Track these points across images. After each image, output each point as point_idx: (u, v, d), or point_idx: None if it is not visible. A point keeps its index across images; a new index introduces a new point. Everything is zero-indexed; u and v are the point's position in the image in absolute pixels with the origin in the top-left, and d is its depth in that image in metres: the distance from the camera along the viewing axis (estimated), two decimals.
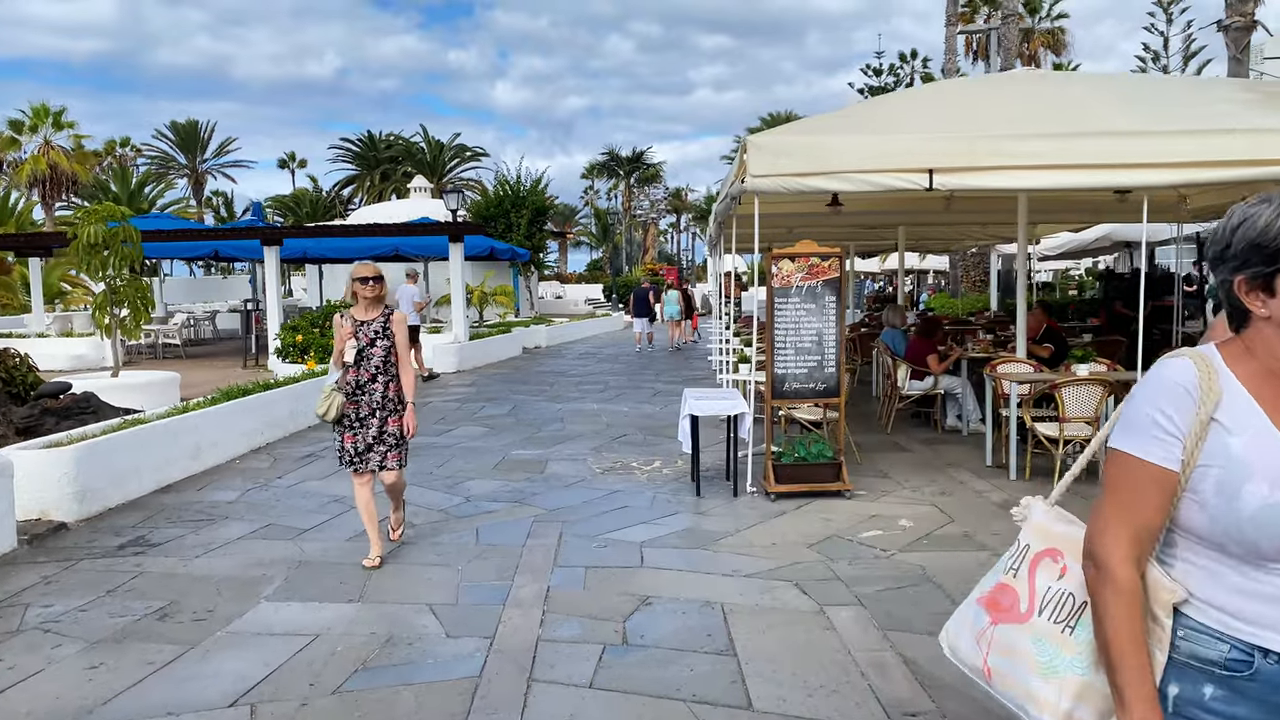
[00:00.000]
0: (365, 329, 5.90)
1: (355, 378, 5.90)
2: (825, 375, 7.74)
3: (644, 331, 25.74)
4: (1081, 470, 2.28)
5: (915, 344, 10.93)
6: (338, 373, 5.92)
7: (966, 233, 18.09)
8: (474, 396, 14.82)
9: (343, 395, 5.87)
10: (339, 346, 5.90)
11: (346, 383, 5.91)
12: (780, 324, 7.67)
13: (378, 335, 5.89)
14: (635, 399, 14.27)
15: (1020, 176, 7.36)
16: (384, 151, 67.26)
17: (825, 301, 7.70)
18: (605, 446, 10.17)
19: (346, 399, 5.90)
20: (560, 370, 19.21)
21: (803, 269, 7.66)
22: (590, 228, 77.89)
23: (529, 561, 6.05)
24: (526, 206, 34.37)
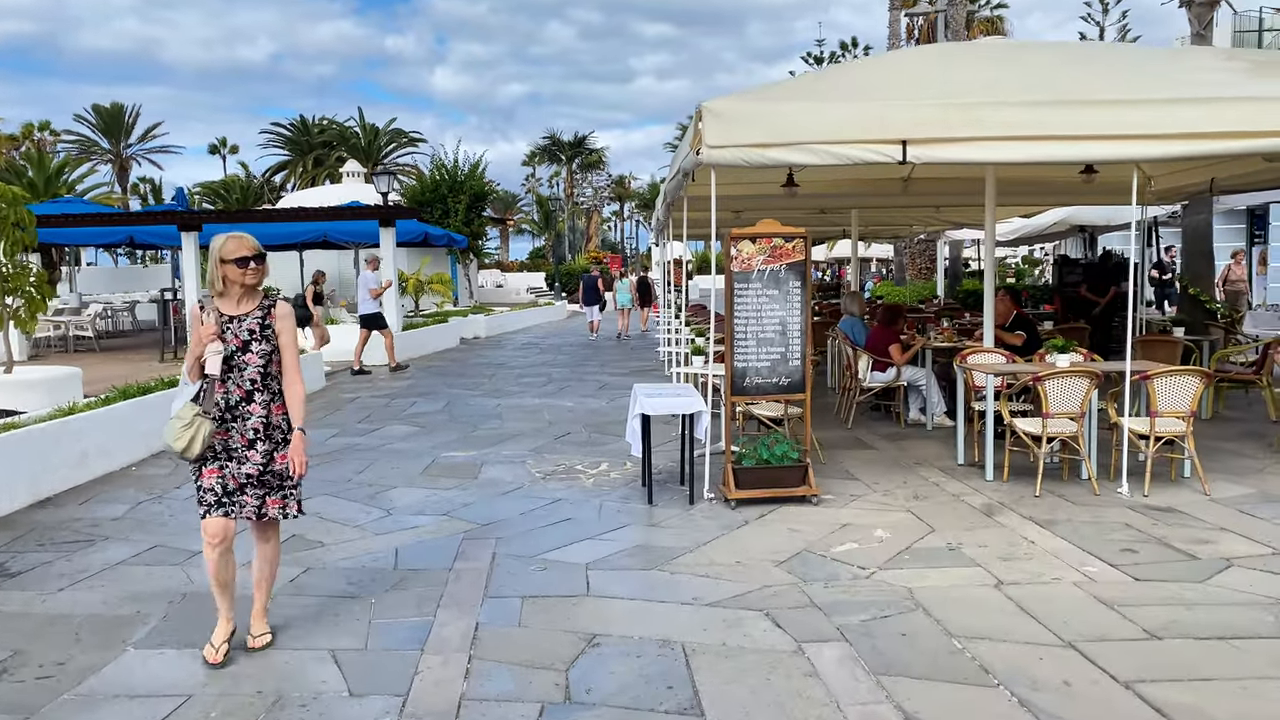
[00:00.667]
0: (237, 327, 4.24)
1: (223, 395, 4.25)
2: (789, 369, 6.99)
3: (595, 320, 24.95)
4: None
5: (877, 333, 10.26)
6: (192, 389, 4.24)
7: (919, 217, 17.54)
8: (406, 391, 13.86)
9: (210, 421, 4.20)
10: (196, 351, 4.21)
11: (214, 404, 4.23)
12: (740, 313, 6.89)
13: (254, 336, 4.25)
14: (580, 393, 13.43)
15: (1000, 148, 6.68)
16: (317, 136, 65.25)
17: (789, 287, 6.94)
18: (547, 447, 9.32)
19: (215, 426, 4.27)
20: (500, 362, 18.29)
21: (765, 251, 6.88)
22: (532, 215, 76.62)
23: (455, 591, 5.19)
24: (464, 191, 33.27)
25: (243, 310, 4.29)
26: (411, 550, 5.98)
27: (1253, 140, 6.54)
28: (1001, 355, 8.75)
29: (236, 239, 4.26)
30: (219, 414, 4.25)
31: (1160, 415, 7.04)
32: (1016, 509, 6.67)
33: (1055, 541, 5.89)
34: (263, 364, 4.27)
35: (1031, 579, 5.22)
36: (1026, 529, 6.19)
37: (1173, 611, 4.71)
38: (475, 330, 25.15)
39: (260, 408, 4.28)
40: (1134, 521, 6.31)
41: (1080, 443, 7.19)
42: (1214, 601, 4.85)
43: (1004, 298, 9.98)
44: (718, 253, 8.16)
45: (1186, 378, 7.05)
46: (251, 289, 4.31)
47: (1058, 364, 7.67)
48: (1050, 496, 7.00)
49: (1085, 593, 5.00)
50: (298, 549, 6.04)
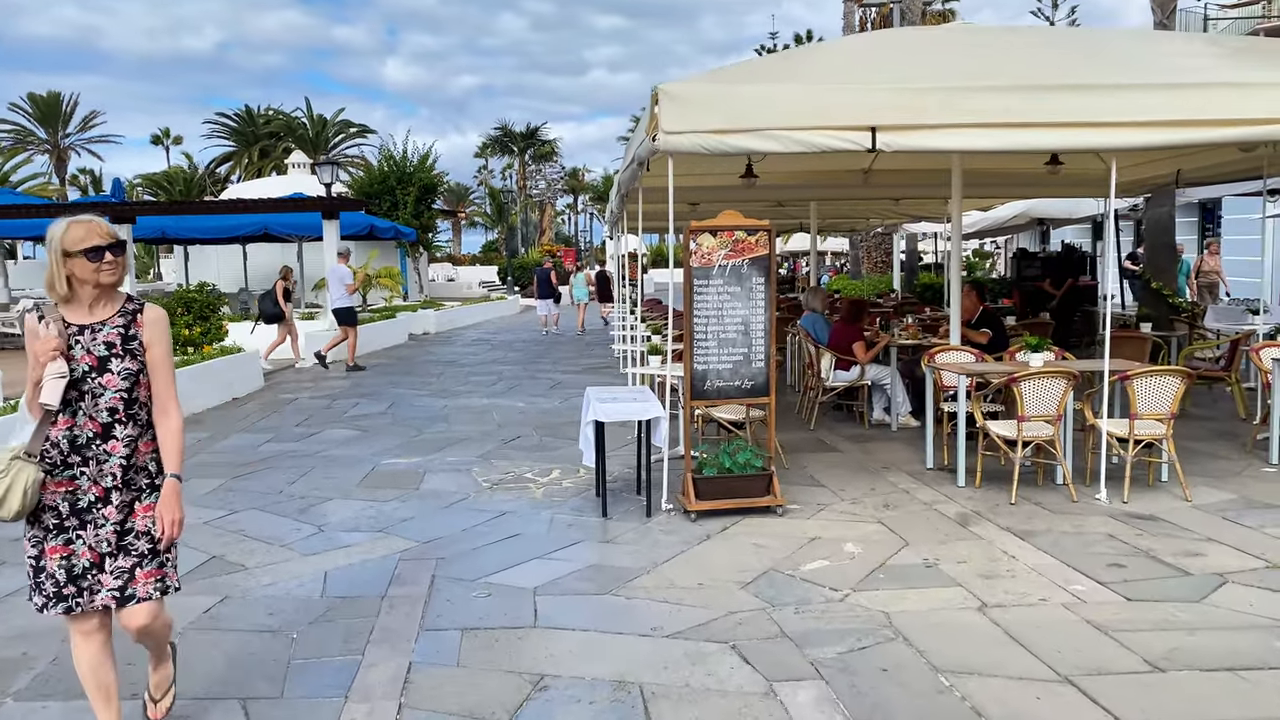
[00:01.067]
0: (89, 340, 3.18)
1: (67, 431, 3.15)
2: (753, 371, 6.54)
3: (549, 314, 24.37)
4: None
5: (840, 330, 9.87)
6: (32, 423, 3.17)
7: (878, 210, 17.26)
8: (348, 391, 13.22)
9: (38, 470, 3.09)
10: (35, 375, 3.13)
11: (46, 444, 3.13)
12: (700, 311, 6.43)
13: (114, 351, 3.19)
14: (531, 392, 12.90)
15: (976, 135, 6.28)
16: (263, 127, 63.73)
17: (753, 284, 6.49)
18: (495, 452, 8.80)
19: (49, 476, 3.13)
20: (449, 359, 17.68)
21: (726, 245, 6.43)
22: (485, 208, 75.65)
23: (388, 624, 4.67)
24: (413, 183, 32.53)
25: (98, 318, 3.21)
26: (342, 574, 5.44)
27: (1236, 129, 6.21)
28: (970, 354, 8.40)
29: (84, 224, 3.17)
30: (59, 458, 3.13)
31: (1140, 417, 6.70)
32: (993, 519, 6.30)
33: (1037, 556, 5.52)
34: (126, 388, 3.18)
35: (1017, 600, 4.83)
36: (1006, 541, 5.81)
37: (1172, 638, 4.33)
38: (425, 326, 24.47)
39: (123, 446, 3.18)
40: (1117, 532, 5.96)
41: (1057, 447, 6.84)
42: (1214, 625, 4.49)
43: (969, 293, 9.64)
44: (675, 246, 7.70)
45: (1167, 378, 6.72)
46: (109, 289, 3.22)
47: (1031, 364, 7.31)
48: (1026, 504, 6.64)
49: (1076, 616, 4.61)
50: (216, 574, 5.48)
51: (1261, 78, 6.34)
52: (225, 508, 6.97)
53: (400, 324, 22.05)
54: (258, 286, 29.33)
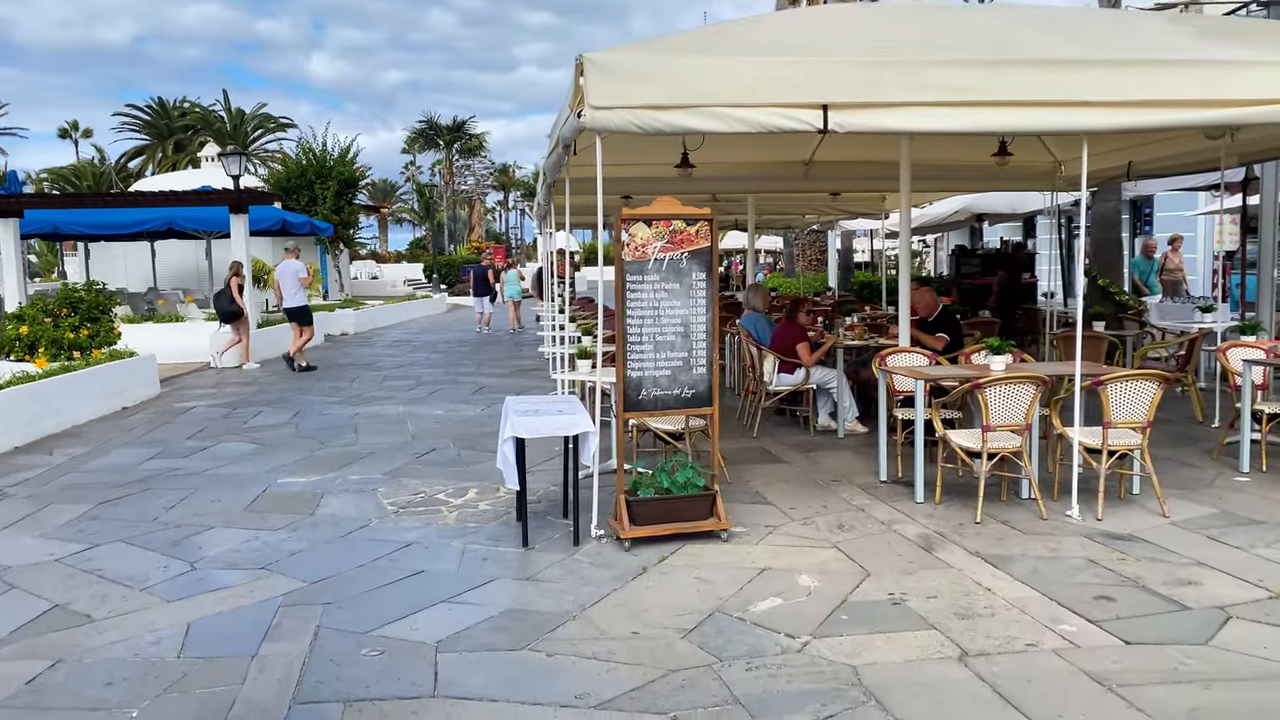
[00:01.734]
0: None
1: None
2: (694, 378, 5.81)
3: (484, 312, 23.49)
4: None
5: (783, 331, 9.21)
6: None
7: (817, 205, 16.71)
8: (251, 398, 12.18)
9: None
10: None
11: None
12: (634, 310, 5.67)
13: None
14: (452, 397, 12.01)
15: (938, 116, 5.64)
16: (178, 120, 61.31)
17: (693, 280, 5.75)
18: (406, 469, 7.93)
19: None
20: (366, 361, 16.66)
21: (663, 236, 5.68)
22: (413, 204, 73.94)
23: (254, 695, 3.81)
24: (333, 177, 31.19)
25: None
26: (209, 626, 4.56)
27: (1218, 111, 5.67)
28: (923, 355, 7.79)
29: None
30: None
31: (1114, 426, 6.13)
32: (959, 541, 5.65)
33: (1016, 588, 4.87)
34: None
35: (1001, 646, 4.17)
36: (978, 570, 5.16)
37: (1187, 694, 3.70)
38: (343, 326, 23.33)
39: None
40: (1097, 556, 5.35)
41: (1024, 458, 6.24)
42: (1230, 674, 3.87)
43: (925, 291, 9.05)
44: (606, 243, 6.96)
45: (1143, 383, 6.16)
46: None
47: (993, 367, 6.71)
48: (993, 523, 6.02)
49: (1072, 665, 3.96)
50: (53, 628, 4.56)
51: (1243, 56, 5.82)
52: (84, 540, 6.00)
53: (316, 325, 20.85)
54: (166, 286, 27.92)
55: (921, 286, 9.11)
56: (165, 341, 16.80)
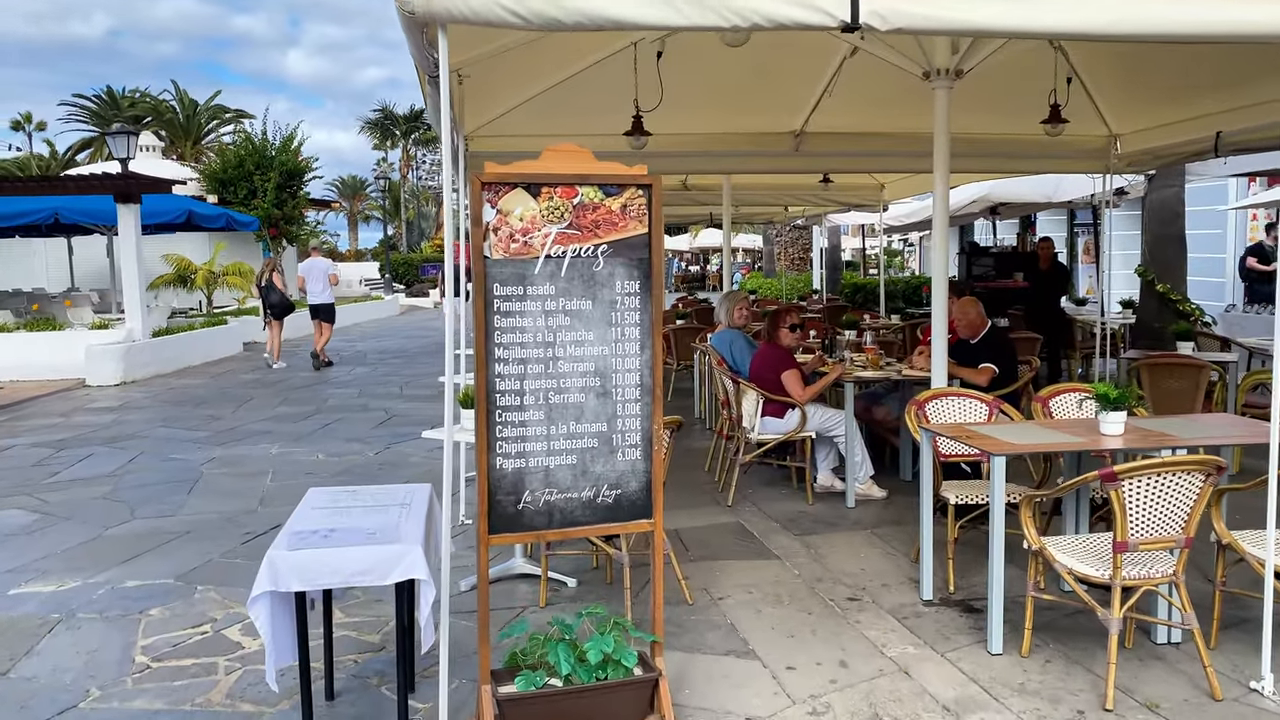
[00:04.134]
0: None
1: None
2: (620, 468, 3.28)
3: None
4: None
5: (766, 355, 6.70)
6: None
7: (802, 194, 14.22)
8: (91, 434, 9.55)
9: None
10: None
11: None
12: (507, 350, 3.14)
13: None
14: (349, 432, 9.44)
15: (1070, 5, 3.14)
16: (127, 110, 58.11)
17: (618, 294, 3.23)
18: (213, 568, 5.37)
19: None
20: (274, 379, 14.03)
21: (561, 215, 3.15)
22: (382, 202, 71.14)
23: None
24: (274, 168, 28.51)
25: None
26: None
27: None
28: (980, 400, 5.30)
29: None
30: None
31: None
32: None
33: None
34: None
35: None
36: None
37: None
38: None
39: None
40: None
41: (1179, 591, 3.75)
42: None
43: (971, 303, 6.57)
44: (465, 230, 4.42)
45: None
46: None
47: (1105, 430, 4.22)
48: (1128, 703, 3.54)
49: None
50: None
51: None
52: None
53: (233, 332, 18.25)
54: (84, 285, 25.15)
55: (964, 296, 6.61)
56: (32, 355, 14.20)
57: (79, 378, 13.69)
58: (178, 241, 24.58)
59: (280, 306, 15.17)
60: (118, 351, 13.76)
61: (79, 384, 13.49)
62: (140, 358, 14.18)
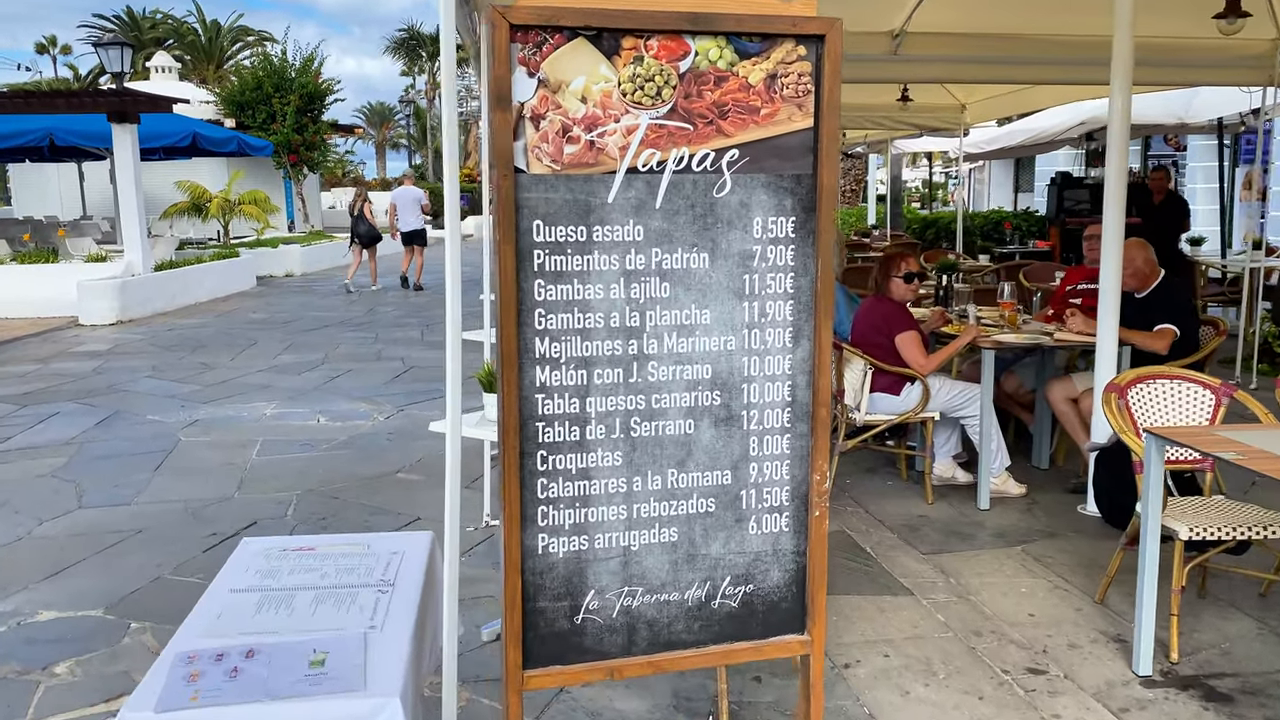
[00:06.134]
0: None
1: None
2: (753, 553, 1.87)
3: None
4: None
5: (875, 313, 5.22)
6: None
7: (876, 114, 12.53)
8: (64, 386, 8.30)
9: None
10: None
11: None
12: (558, 342, 1.71)
13: None
14: (357, 387, 8.12)
15: None
16: (148, 33, 56.51)
17: (755, 242, 1.79)
18: (167, 581, 4.08)
19: None
20: (285, 318, 12.74)
21: (654, 89, 1.69)
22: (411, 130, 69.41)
23: None
24: (293, 91, 27.02)
25: None
26: None
27: None
28: (1202, 385, 3.84)
29: None
30: None
31: None
32: None
33: None
34: None
35: None
36: None
37: None
38: (287, 265, 19.40)
39: None
40: None
41: None
42: None
43: (1139, 247, 5.08)
44: None
45: None
46: None
47: None
48: None
49: None
50: None
51: None
52: None
53: (244, 265, 16.95)
54: (97, 214, 23.95)
55: (1131, 238, 5.09)
56: (23, 290, 12.99)
57: (73, 315, 12.47)
58: (194, 167, 23.26)
59: (368, 236, 15.76)
60: (112, 287, 12.50)
61: (71, 322, 12.28)
62: (139, 294, 12.92)
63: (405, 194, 16.22)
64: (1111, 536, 4.52)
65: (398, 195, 16.29)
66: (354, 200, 16.16)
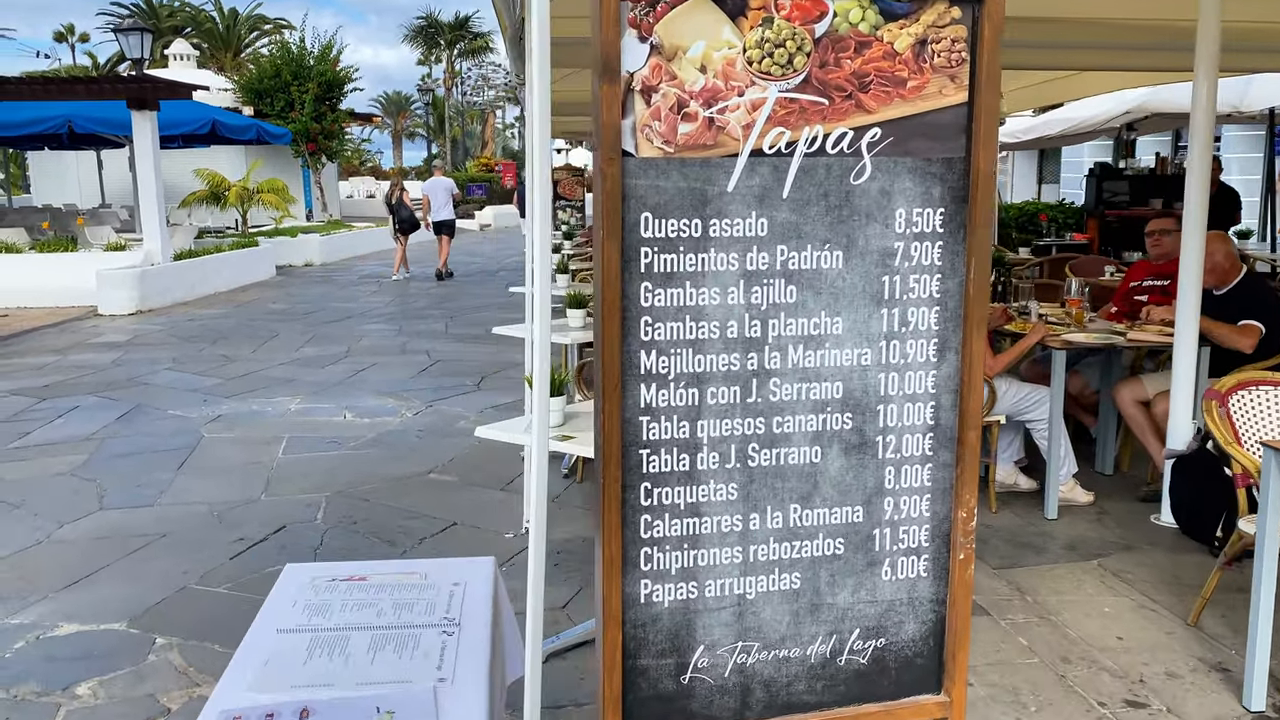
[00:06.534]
0: None
1: None
2: (885, 601, 1.61)
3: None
4: None
5: None
6: None
7: None
8: (84, 379, 8.10)
9: None
10: None
11: None
12: (666, 355, 1.45)
13: None
14: (383, 381, 7.89)
15: None
16: (166, 20, 56.44)
17: (897, 238, 1.52)
18: (193, 592, 3.86)
19: None
20: (306, 308, 12.53)
21: (786, 55, 1.42)
22: (427, 119, 69.22)
23: None
24: (312, 79, 26.84)
25: None
26: None
27: None
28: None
29: None
30: None
31: None
32: None
33: None
34: None
35: None
36: None
37: None
38: (306, 255, 19.19)
39: None
40: None
41: None
42: None
43: (1220, 240, 4.79)
44: None
45: None
46: None
47: None
48: None
49: None
50: None
51: None
52: None
53: (264, 254, 16.75)
54: (116, 202, 23.85)
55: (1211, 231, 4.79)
56: (42, 279, 12.82)
57: (92, 305, 12.30)
58: (213, 155, 23.08)
59: (409, 223, 16.13)
60: (131, 276, 12.31)
61: (90, 312, 12.11)
62: (158, 283, 12.73)
63: (438, 184, 16.51)
64: (1191, 550, 4.26)
65: (430, 185, 16.58)
66: (391, 190, 16.61)
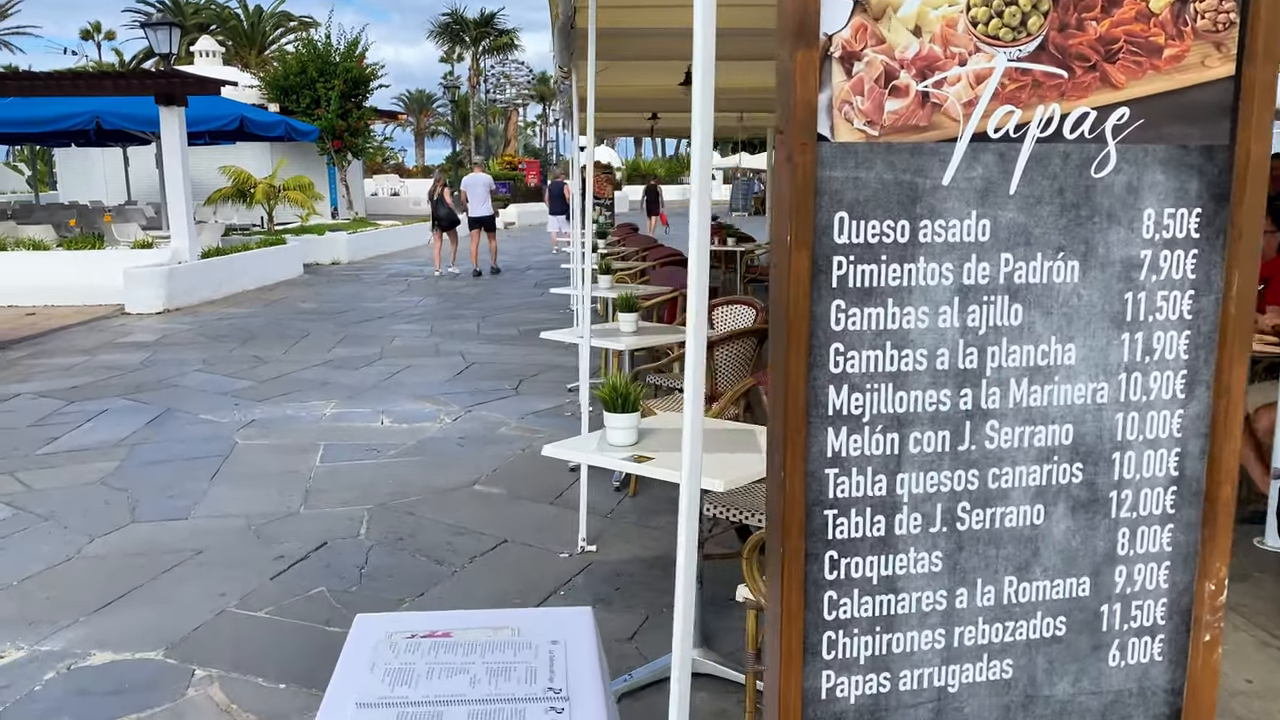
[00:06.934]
0: None
1: None
2: (1112, 692, 1.30)
3: (560, 231, 20.00)
4: None
5: None
6: None
7: None
8: (113, 380, 7.88)
9: None
10: None
11: None
12: (862, 391, 1.15)
13: None
14: (419, 384, 7.62)
15: None
16: (191, 17, 56.62)
17: (1142, 244, 1.21)
18: (233, 616, 3.59)
19: None
20: (338, 307, 12.31)
21: (1018, 16, 1.12)
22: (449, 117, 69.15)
23: None
24: (338, 75, 26.68)
25: None
26: None
27: None
28: None
29: None
30: None
31: None
32: None
33: None
34: None
35: None
36: None
37: None
38: (333, 253, 18.98)
39: None
40: None
41: None
42: None
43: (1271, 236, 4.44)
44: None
45: None
46: None
47: None
48: None
49: None
50: None
51: None
52: None
53: (292, 252, 16.54)
54: (142, 199, 23.79)
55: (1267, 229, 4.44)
56: (70, 277, 12.66)
57: (119, 303, 12.13)
58: (238, 152, 22.95)
59: (448, 219, 16.11)
60: (159, 275, 12.12)
61: (118, 311, 11.93)
62: (185, 281, 12.54)
63: (476, 180, 16.76)
64: None
65: (469, 182, 16.85)
66: (434, 186, 16.67)
